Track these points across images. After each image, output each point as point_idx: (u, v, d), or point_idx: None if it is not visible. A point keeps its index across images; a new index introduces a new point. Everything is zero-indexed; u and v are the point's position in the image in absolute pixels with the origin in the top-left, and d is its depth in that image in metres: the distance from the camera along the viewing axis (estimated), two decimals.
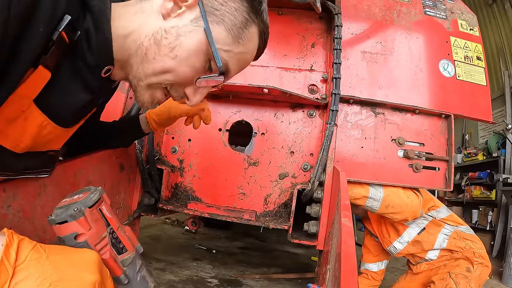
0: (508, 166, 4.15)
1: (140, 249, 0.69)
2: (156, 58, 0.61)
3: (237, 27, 0.62)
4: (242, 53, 0.66)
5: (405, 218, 1.59)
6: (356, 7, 1.67)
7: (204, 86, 0.67)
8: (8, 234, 0.47)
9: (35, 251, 0.48)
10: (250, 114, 1.59)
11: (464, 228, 1.80)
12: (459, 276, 1.66)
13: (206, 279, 1.97)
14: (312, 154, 1.54)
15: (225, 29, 0.62)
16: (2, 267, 0.43)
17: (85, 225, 0.56)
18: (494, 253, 3.96)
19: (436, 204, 1.81)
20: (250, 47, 0.67)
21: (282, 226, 1.37)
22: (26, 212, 0.78)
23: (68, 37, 0.54)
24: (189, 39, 0.61)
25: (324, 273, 1.15)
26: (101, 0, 0.57)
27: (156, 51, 0.61)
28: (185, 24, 0.61)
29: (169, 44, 0.61)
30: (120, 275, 0.61)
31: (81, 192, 0.61)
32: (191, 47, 0.61)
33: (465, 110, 1.57)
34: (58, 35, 0.51)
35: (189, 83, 0.66)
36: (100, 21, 0.58)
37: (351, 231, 0.84)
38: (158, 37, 0.61)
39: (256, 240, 3.48)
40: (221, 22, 0.61)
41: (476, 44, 1.68)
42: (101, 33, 0.59)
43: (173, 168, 1.55)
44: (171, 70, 0.62)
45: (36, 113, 0.59)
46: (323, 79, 1.57)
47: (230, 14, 0.62)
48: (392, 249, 1.85)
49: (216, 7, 0.61)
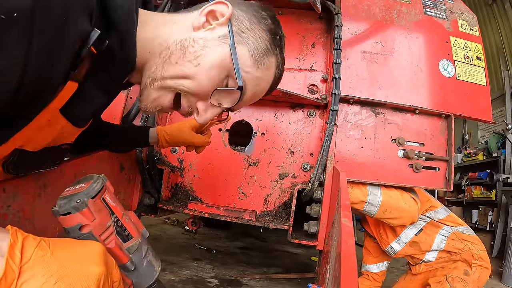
0: (508, 166, 4.15)
1: (146, 233, 0.69)
2: (179, 63, 0.63)
3: (258, 52, 0.66)
4: (259, 78, 0.69)
5: (403, 223, 1.59)
6: (356, 7, 1.67)
7: (217, 105, 0.68)
8: (12, 232, 0.47)
9: (39, 249, 0.48)
10: (250, 114, 1.59)
11: (463, 229, 1.79)
12: (456, 279, 1.64)
13: (206, 279, 1.97)
14: (312, 154, 1.54)
15: (248, 51, 0.66)
16: (8, 267, 0.43)
17: (89, 216, 0.56)
18: (494, 253, 3.96)
19: (434, 204, 1.81)
20: (267, 75, 0.70)
21: (282, 226, 1.37)
22: (26, 212, 0.78)
23: (96, 49, 0.54)
24: (214, 51, 0.63)
25: (324, 273, 1.14)
26: (127, 18, 0.57)
27: (181, 56, 0.63)
28: (213, 38, 0.64)
29: (194, 52, 0.63)
30: (126, 263, 0.61)
31: (84, 180, 0.60)
32: (215, 59, 0.63)
33: (465, 110, 1.57)
34: (87, 51, 0.51)
35: (203, 96, 0.66)
36: (126, 38, 0.59)
37: (351, 231, 0.84)
38: (185, 44, 0.63)
39: (256, 240, 3.48)
40: (246, 44, 0.65)
41: (476, 44, 1.68)
42: (126, 48, 0.59)
43: (173, 168, 1.55)
44: (191, 77, 0.63)
45: (60, 120, 0.60)
46: (323, 79, 1.57)
47: (255, 40, 0.66)
48: (389, 249, 1.85)
49: (243, 30, 0.66)
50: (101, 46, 0.54)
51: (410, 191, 1.58)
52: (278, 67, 0.72)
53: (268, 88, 0.75)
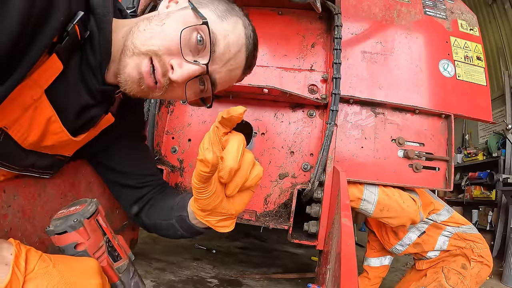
0: (508, 166, 4.15)
1: (132, 256, 0.73)
2: (146, 29, 0.66)
3: (219, 10, 0.70)
4: (227, 30, 0.69)
5: (402, 223, 1.57)
6: (356, 7, 1.67)
7: (192, 62, 0.66)
8: (16, 244, 0.50)
9: (42, 261, 0.51)
10: (250, 114, 1.59)
11: (466, 228, 1.79)
12: (452, 271, 1.65)
13: (206, 279, 1.97)
14: (312, 154, 1.54)
15: (209, 10, 0.69)
16: (13, 276, 0.47)
17: (84, 235, 0.60)
18: (494, 253, 3.96)
19: (436, 207, 1.80)
20: (234, 30, 0.70)
21: (282, 226, 1.37)
22: (26, 212, 0.78)
23: (80, 34, 0.59)
24: (177, 13, 0.68)
25: (324, 273, 1.14)
26: (104, 4, 0.63)
27: (147, 23, 0.67)
28: (175, 9, 0.70)
29: (159, 19, 0.67)
30: (116, 281, 0.66)
31: (77, 204, 0.65)
32: (178, 17, 0.67)
33: (465, 110, 1.57)
34: (72, 27, 0.56)
35: (175, 52, 0.65)
36: (102, 22, 0.63)
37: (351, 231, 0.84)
38: (151, 17, 0.69)
39: (256, 240, 3.48)
40: (206, 7, 0.69)
41: (476, 44, 1.68)
42: (103, 32, 0.63)
43: (173, 168, 1.55)
44: (158, 35, 0.65)
45: (45, 104, 0.61)
46: (323, 79, 1.57)
47: (212, 5, 0.70)
48: (394, 250, 1.87)
49: (200, 2, 0.70)
50: (84, 32, 0.60)
51: (409, 191, 1.58)
52: (246, 27, 0.72)
53: (245, 51, 0.73)
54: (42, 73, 0.56)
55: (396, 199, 1.50)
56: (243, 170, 0.60)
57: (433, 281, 1.65)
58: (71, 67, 0.61)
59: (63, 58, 0.58)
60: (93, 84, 0.67)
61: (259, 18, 1.72)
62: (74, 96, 0.66)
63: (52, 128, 0.65)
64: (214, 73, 0.70)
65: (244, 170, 0.60)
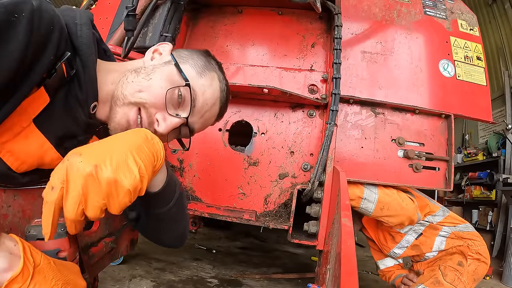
0: (508, 166, 4.15)
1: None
2: (134, 81, 0.74)
3: (198, 66, 0.80)
4: (205, 85, 0.79)
5: (401, 222, 1.58)
6: (356, 7, 1.67)
7: (174, 116, 0.75)
8: (19, 240, 0.55)
9: (44, 257, 0.57)
10: (250, 114, 1.59)
11: (462, 227, 1.79)
12: (449, 268, 1.65)
13: (206, 279, 1.97)
14: (312, 154, 1.54)
15: (190, 66, 0.79)
16: (25, 267, 0.52)
17: (66, 243, 0.66)
18: (494, 253, 3.96)
19: (432, 209, 1.80)
20: (211, 85, 0.81)
21: (282, 226, 1.37)
22: (26, 212, 0.78)
23: (66, 71, 0.66)
24: (162, 69, 0.77)
25: (324, 273, 1.14)
26: (87, 46, 0.69)
27: (135, 76, 0.76)
28: (160, 63, 0.79)
29: (146, 73, 0.76)
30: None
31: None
32: (163, 73, 0.76)
33: (465, 110, 1.57)
34: (59, 66, 0.63)
35: (160, 106, 0.74)
36: (87, 61, 0.69)
37: (351, 231, 0.84)
38: (138, 69, 0.78)
39: (256, 240, 3.48)
40: (186, 62, 0.80)
41: (476, 44, 1.68)
42: (88, 71, 0.70)
43: (173, 168, 1.55)
44: (146, 89, 0.73)
45: (35, 132, 0.66)
46: (323, 79, 1.57)
47: (193, 61, 0.81)
48: (392, 254, 1.87)
49: (182, 56, 0.81)
50: (70, 70, 0.66)
51: (406, 192, 1.58)
52: (221, 81, 0.84)
53: (219, 103, 0.84)
54: (30, 102, 0.62)
55: (395, 198, 1.51)
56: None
57: (430, 278, 1.65)
58: (57, 100, 0.67)
59: (50, 91, 0.65)
60: (80, 116, 0.72)
61: (259, 18, 1.72)
62: (61, 125, 0.71)
63: (47, 157, 0.70)
64: (192, 123, 0.80)
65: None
